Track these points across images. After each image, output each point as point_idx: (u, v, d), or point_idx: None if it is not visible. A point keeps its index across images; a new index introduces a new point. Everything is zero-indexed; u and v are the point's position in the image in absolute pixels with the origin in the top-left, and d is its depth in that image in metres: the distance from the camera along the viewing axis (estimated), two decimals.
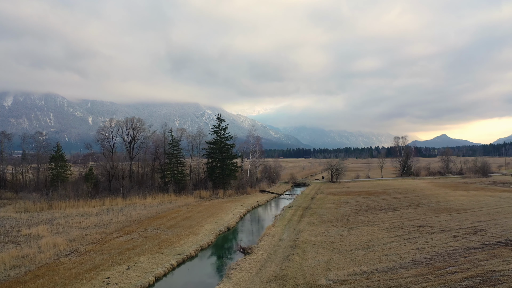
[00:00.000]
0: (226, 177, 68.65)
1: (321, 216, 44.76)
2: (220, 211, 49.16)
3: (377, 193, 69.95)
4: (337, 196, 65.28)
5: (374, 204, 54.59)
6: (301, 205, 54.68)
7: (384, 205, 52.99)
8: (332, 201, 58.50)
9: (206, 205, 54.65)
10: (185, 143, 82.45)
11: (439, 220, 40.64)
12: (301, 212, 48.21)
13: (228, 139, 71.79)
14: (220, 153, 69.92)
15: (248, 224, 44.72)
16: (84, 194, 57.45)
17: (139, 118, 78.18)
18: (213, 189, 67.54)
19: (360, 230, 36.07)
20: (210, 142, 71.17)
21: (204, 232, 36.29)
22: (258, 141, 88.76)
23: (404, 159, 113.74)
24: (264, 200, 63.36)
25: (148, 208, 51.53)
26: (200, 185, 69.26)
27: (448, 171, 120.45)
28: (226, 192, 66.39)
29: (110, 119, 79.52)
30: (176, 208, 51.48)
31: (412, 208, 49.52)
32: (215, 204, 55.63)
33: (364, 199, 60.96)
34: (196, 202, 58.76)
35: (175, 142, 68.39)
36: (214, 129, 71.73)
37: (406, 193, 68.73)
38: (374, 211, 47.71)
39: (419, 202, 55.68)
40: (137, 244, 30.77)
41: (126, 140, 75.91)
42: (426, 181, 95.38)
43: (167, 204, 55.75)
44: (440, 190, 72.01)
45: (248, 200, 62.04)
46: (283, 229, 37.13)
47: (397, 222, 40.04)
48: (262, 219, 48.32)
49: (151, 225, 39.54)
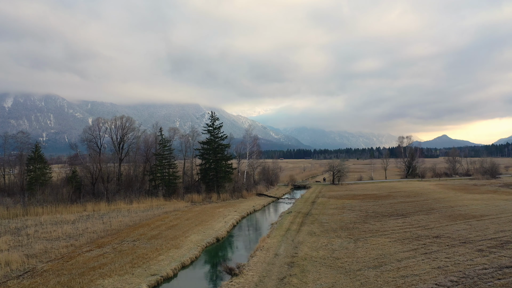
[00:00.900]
0: (220, 180, 63.89)
1: (323, 224, 40.02)
2: (211, 218, 44.44)
3: (382, 196, 65.21)
4: (339, 200, 60.54)
5: (380, 209, 49.85)
6: (301, 210, 49.94)
7: (392, 211, 48.25)
8: (335, 206, 53.78)
9: (197, 211, 49.95)
10: (178, 143, 77.82)
11: (456, 229, 35.90)
12: (300, 219, 43.47)
13: (222, 139, 67.04)
14: (214, 154, 65.21)
15: (240, 234, 39.88)
16: (64, 199, 52.78)
17: (129, 117, 73.53)
18: (206, 193, 62.84)
19: (368, 241, 31.34)
20: (204, 142, 66.41)
21: (189, 244, 31.56)
22: (255, 141, 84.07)
23: (409, 160, 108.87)
24: (261, 204, 58.63)
25: (132, 214, 46.84)
26: (193, 189, 64.55)
27: (454, 172, 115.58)
28: (220, 196, 61.67)
29: (98, 118, 74.70)
30: (163, 215, 46.79)
31: (424, 215, 44.78)
32: (207, 210, 50.93)
33: (369, 203, 56.22)
34: (186, 207, 54.07)
35: (166, 142, 63.64)
36: (208, 128, 66.96)
37: (414, 196, 63.97)
38: (382, 218, 42.98)
39: (430, 207, 50.93)
40: (106, 261, 26.06)
41: (115, 140, 71.39)
42: (433, 183, 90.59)
43: (155, 209, 51.08)
44: (450, 193, 67.22)
45: (243, 204, 57.32)
46: (279, 240, 32.39)
47: (409, 231, 35.31)
48: (257, 228, 43.48)
49: (131, 235, 34.85)
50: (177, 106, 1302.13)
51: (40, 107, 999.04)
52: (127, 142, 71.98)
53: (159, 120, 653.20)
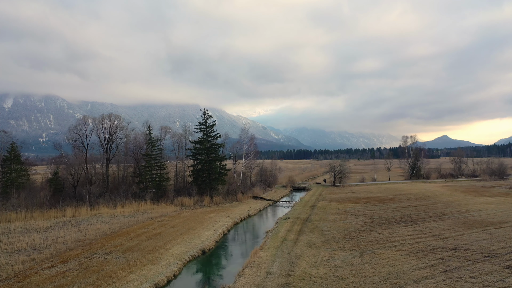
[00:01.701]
0: (213, 182, 59.52)
1: (324, 232, 35.71)
2: (199, 225, 40.13)
3: (387, 199, 60.88)
4: (341, 204, 56.22)
5: (387, 214, 45.52)
6: (300, 216, 45.62)
7: (399, 216, 43.93)
8: (337, 211, 49.47)
9: (186, 217, 45.64)
10: (170, 143, 73.57)
11: (475, 239, 31.59)
12: (299, 226, 39.16)
13: (216, 138, 62.65)
14: (206, 154, 60.87)
15: (230, 245, 35.39)
16: (42, 203, 48.52)
17: (117, 115, 69.28)
18: (198, 196, 58.51)
19: (376, 255, 27.06)
20: (196, 142, 62.05)
21: (169, 259, 27.27)
22: (252, 141, 79.74)
23: (413, 161, 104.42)
24: (257, 209, 54.31)
25: (114, 220, 42.56)
26: (184, 192, 60.22)
27: (460, 173, 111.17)
28: (213, 199, 57.35)
29: (84, 116, 70.42)
30: (147, 221, 42.50)
31: (435, 221, 40.46)
32: (197, 215, 46.62)
33: (374, 207, 51.91)
34: (175, 212, 49.78)
35: (154, 141, 59.29)
36: (200, 127, 62.55)
37: (421, 199, 59.64)
38: (389, 225, 38.68)
39: (441, 212, 46.61)
40: (64, 283, 21.80)
41: (103, 139, 67.16)
42: (439, 185, 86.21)
43: (140, 215, 46.80)
44: (460, 196, 62.86)
45: (237, 209, 53.00)
46: (273, 254, 28.09)
47: (422, 242, 31.01)
48: (250, 237, 39.00)
49: (105, 246, 30.58)
50: (177, 106, 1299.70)
51: (40, 108, 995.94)
52: (115, 141, 67.88)
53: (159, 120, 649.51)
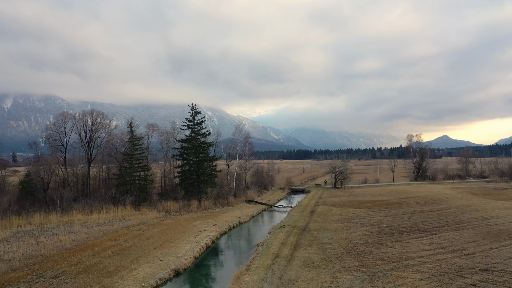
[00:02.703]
0: (202, 185, 53.87)
1: (325, 246, 30.14)
2: (180, 236, 34.57)
3: (394, 203, 55.31)
4: (344, 209, 50.63)
5: (396, 222, 39.93)
6: (297, 224, 40.04)
7: (411, 224, 38.37)
8: (339, 217, 43.89)
9: (167, 225, 40.08)
10: (158, 142, 68.05)
11: (508, 255, 26.06)
12: (295, 237, 33.59)
13: (205, 136, 57.00)
14: (195, 154, 55.28)
15: (211, 263, 29.42)
16: (5, 209, 42.98)
17: (100, 111, 63.76)
18: (185, 200, 52.92)
19: (390, 279, 21.53)
20: (183, 140, 56.37)
21: (129, 284, 21.72)
22: (247, 139, 74.17)
23: (418, 161, 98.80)
24: (249, 214, 48.69)
25: (83, 230, 37.02)
26: (170, 195, 54.64)
27: (467, 174, 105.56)
28: (201, 203, 51.75)
29: (63, 112, 64.98)
30: (122, 230, 36.97)
31: (453, 230, 34.93)
32: (180, 223, 41.06)
33: (380, 213, 46.34)
34: (157, 219, 44.22)
35: (137, 139, 53.66)
36: (187, 123, 56.82)
37: (432, 204, 54.06)
38: (400, 235, 33.13)
39: (457, 219, 41.05)
40: None
41: (84, 138, 61.73)
42: (448, 187, 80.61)
43: (117, 222, 41.25)
44: (474, 200, 57.27)
45: (227, 215, 47.41)
46: (261, 278, 22.53)
47: (443, 259, 25.46)
48: (236, 252, 33.15)
49: (57, 265, 25.07)
50: (177, 106, 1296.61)
51: (40, 108, 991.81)
52: (98, 140, 62.45)
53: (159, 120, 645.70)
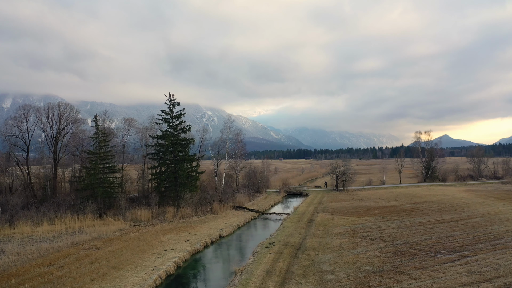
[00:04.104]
0: (180, 189, 45.81)
1: (325, 276, 22.14)
2: (136, 259, 26.57)
3: (406, 210, 47.33)
4: (348, 218, 42.60)
5: (414, 236, 31.90)
6: (290, 239, 32.00)
7: (433, 240, 30.37)
8: (342, 230, 35.88)
9: (128, 240, 32.09)
10: (136, 139, 60.17)
11: None
12: (285, 261, 25.58)
13: (184, 131, 48.96)
14: (172, 153, 47.27)
15: None
16: None
17: (69, 104, 55.94)
18: (160, 207, 44.92)
19: None
20: (158, 136, 48.32)
21: None
22: (238, 137, 66.23)
23: (427, 160, 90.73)
24: (234, 225, 40.61)
25: (19, 248, 29.07)
26: (143, 201, 46.62)
27: (480, 174, 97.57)
28: (179, 211, 43.72)
29: (25, 104, 57.16)
30: (67, 249, 29.04)
31: (491, 250, 27.00)
32: (145, 238, 33.05)
33: (392, 224, 38.33)
34: (120, 231, 36.24)
35: (103, 136, 45.65)
36: (164, 116, 48.76)
37: (451, 210, 46.07)
38: (424, 258, 25.16)
39: (489, 232, 33.08)
40: None
41: (49, 134, 53.98)
42: (461, 189, 72.64)
43: (67, 237, 33.29)
44: (498, 206, 49.27)
45: (207, 226, 39.37)
46: None
47: None
48: (204, 285, 25.03)
49: None
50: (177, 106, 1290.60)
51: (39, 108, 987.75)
52: (66, 137, 54.61)
53: None
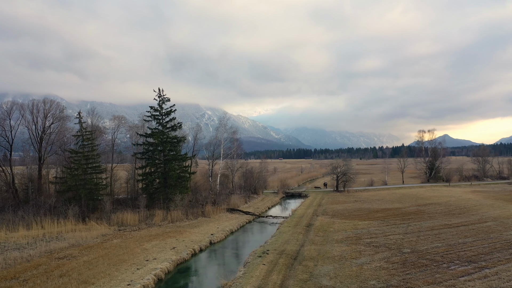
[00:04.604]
0: (170, 190, 42.83)
1: None
2: (112, 271, 23.64)
3: (411, 213, 44.38)
4: (349, 222, 39.64)
5: (422, 243, 28.94)
6: (286, 247, 29.04)
7: (444, 248, 27.43)
8: (343, 235, 32.92)
9: (108, 248, 29.16)
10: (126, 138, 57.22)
11: None
12: (280, 274, 22.65)
13: (174, 129, 46.01)
14: (162, 152, 44.33)
15: None
16: None
17: (54, 101, 52.94)
18: (150, 210, 41.97)
19: None
20: (147, 134, 45.32)
21: None
22: (234, 135, 63.30)
23: (431, 160, 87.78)
24: (227, 230, 37.64)
25: None
26: (129, 204, 43.61)
27: (485, 175, 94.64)
28: (169, 214, 40.79)
29: (9, 100, 54.22)
30: (39, 258, 26.14)
31: (511, 260, 24.05)
32: (127, 245, 30.10)
33: (398, 228, 35.38)
34: (102, 237, 33.31)
35: (88, 134, 42.66)
36: (153, 113, 45.70)
37: (459, 214, 43.12)
38: (437, 270, 22.23)
39: (504, 239, 30.18)
40: None
41: (35, 133, 51.00)
42: (467, 190, 69.71)
43: (43, 243, 30.40)
44: (509, 208, 46.36)
45: (198, 230, 36.40)
46: None
47: None
48: None
49: None
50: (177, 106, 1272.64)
51: None
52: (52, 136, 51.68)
53: None
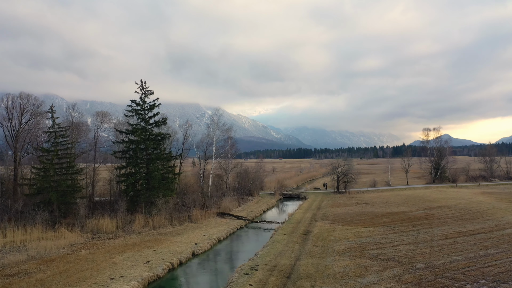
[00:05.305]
0: (153, 193, 38.72)
1: None
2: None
3: (420, 218, 40.26)
4: (352, 228, 35.52)
5: (437, 256, 24.82)
6: (279, 261, 24.94)
7: (464, 262, 23.36)
8: (346, 245, 28.80)
9: (72, 262, 25.10)
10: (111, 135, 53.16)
11: None
12: None
13: (158, 125, 41.87)
14: (144, 151, 40.23)
15: None
16: None
17: (31, 95, 48.85)
18: (132, 213, 37.88)
19: None
20: (127, 131, 41.13)
21: None
22: (228, 133, 59.24)
23: (436, 160, 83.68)
24: (214, 237, 33.51)
25: None
26: (106, 208, 39.46)
27: (492, 175, 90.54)
28: (152, 219, 36.71)
29: None
30: None
31: None
32: (95, 257, 26.02)
33: (407, 236, 31.26)
34: (71, 246, 29.27)
35: (60, 130, 38.52)
36: (134, 107, 41.42)
37: (473, 219, 39.00)
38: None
39: None
40: None
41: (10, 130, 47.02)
42: (476, 191, 65.60)
43: (1, 255, 26.31)
44: None
45: (181, 239, 32.29)
46: None
47: None
48: None
49: None
50: (177, 105, 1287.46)
51: None
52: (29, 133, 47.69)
53: None
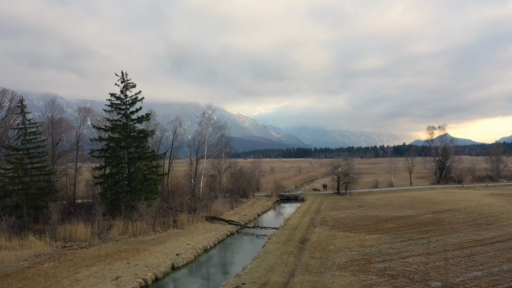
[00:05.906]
0: (133, 196, 35.09)
1: None
2: None
3: (428, 223, 36.65)
4: (354, 236, 31.89)
5: (454, 271, 21.24)
6: (269, 280, 21.30)
7: (488, 280, 19.83)
8: (348, 257, 25.19)
9: (28, 278, 21.56)
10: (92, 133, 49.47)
11: None
12: None
13: (140, 121, 38.18)
14: (126, 149, 36.62)
15: None
16: None
17: (6, 89, 45.29)
18: (114, 218, 34.25)
19: None
20: (107, 128, 37.50)
21: None
22: (222, 130, 55.68)
23: (441, 160, 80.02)
24: (199, 247, 29.86)
25: None
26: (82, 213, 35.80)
27: (499, 175, 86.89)
28: (133, 224, 33.11)
29: None
30: None
31: None
32: (56, 274, 22.44)
33: (417, 246, 27.64)
34: (35, 258, 25.71)
35: (31, 125, 34.94)
36: (114, 102, 37.69)
37: (487, 224, 35.40)
38: None
39: None
40: None
41: None
42: (485, 193, 61.94)
43: None
44: None
45: (162, 248, 28.66)
46: None
47: None
48: None
49: None
50: (177, 105, 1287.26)
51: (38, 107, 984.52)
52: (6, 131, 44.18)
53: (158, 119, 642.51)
